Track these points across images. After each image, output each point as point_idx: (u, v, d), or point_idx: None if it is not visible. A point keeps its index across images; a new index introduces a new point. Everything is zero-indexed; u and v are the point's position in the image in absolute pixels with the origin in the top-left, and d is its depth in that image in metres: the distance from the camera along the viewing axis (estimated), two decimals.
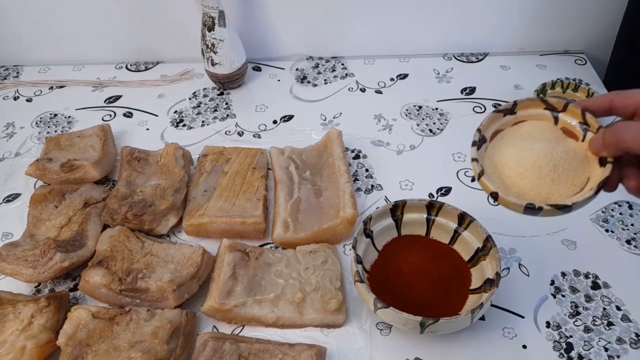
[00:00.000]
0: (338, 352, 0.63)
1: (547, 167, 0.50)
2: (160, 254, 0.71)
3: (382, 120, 0.93)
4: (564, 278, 0.69)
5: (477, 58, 1.05)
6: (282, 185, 0.78)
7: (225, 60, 0.96)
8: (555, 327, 0.64)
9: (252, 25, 1.03)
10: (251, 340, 0.62)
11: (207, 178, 0.81)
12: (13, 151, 0.93)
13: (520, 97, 0.52)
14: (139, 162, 0.84)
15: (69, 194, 0.79)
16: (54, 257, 0.68)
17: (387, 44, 1.05)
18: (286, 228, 0.73)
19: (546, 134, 0.52)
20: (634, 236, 0.73)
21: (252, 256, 0.70)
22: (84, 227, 0.75)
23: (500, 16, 1.00)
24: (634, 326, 0.64)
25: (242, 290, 0.66)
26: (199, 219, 0.74)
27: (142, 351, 0.59)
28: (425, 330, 0.58)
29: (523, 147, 0.52)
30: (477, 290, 0.64)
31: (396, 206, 0.70)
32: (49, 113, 1.00)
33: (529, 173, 0.50)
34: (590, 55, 1.03)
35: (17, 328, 0.62)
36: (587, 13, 0.98)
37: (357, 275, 0.62)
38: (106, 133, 0.89)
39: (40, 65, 1.11)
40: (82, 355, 0.60)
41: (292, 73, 1.05)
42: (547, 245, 0.72)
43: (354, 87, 1.01)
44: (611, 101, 0.48)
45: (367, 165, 0.85)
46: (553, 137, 0.52)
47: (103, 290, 0.66)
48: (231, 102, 1.00)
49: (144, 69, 1.09)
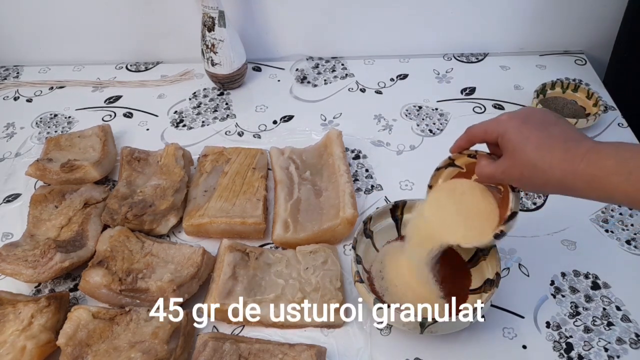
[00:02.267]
0: (338, 352, 0.63)
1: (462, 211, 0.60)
2: (160, 254, 0.71)
3: (382, 121, 0.93)
4: (564, 278, 0.69)
5: (477, 58, 1.05)
6: (282, 185, 0.78)
7: (225, 61, 0.96)
8: (555, 327, 0.64)
9: (252, 25, 1.03)
10: (251, 341, 0.62)
11: (207, 178, 0.81)
12: (13, 151, 0.93)
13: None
14: (139, 162, 0.84)
15: (69, 194, 0.79)
16: (54, 257, 0.68)
17: (387, 44, 1.05)
18: (286, 228, 0.73)
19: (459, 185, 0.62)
20: (634, 236, 0.73)
21: (252, 256, 0.70)
22: (84, 227, 0.75)
23: (500, 16, 1.00)
24: (634, 326, 0.64)
25: (242, 290, 0.66)
26: (199, 219, 0.74)
27: (142, 351, 0.59)
28: (425, 330, 0.58)
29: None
30: (477, 290, 0.64)
31: (396, 206, 0.70)
32: (49, 113, 1.00)
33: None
34: (590, 55, 1.03)
35: (17, 328, 0.62)
36: (587, 13, 0.98)
37: (357, 275, 0.62)
38: (106, 133, 0.89)
39: (40, 65, 1.11)
40: (82, 355, 0.60)
41: (292, 73, 1.05)
42: (547, 245, 0.72)
43: (354, 87, 1.01)
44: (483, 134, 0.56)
45: (367, 166, 0.85)
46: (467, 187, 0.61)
47: (103, 291, 0.66)
48: (231, 102, 1.00)
49: (144, 69, 1.09)
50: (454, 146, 0.59)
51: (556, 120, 0.52)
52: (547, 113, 0.53)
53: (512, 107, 0.93)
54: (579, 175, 0.48)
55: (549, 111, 0.54)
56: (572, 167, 0.48)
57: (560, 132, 0.50)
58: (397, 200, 0.71)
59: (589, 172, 0.47)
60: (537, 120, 0.52)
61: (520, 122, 0.52)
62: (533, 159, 0.50)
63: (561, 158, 0.48)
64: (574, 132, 0.51)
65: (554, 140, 0.49)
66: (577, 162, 0.48)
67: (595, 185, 0.47)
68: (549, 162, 0.49)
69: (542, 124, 0.51)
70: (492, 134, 0.54)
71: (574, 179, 0.48)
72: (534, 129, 0.51)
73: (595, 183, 0.47)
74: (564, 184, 0.49)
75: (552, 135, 0.50)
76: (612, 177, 0.46)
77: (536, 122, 0.51)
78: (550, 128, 0.51)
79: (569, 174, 0.48)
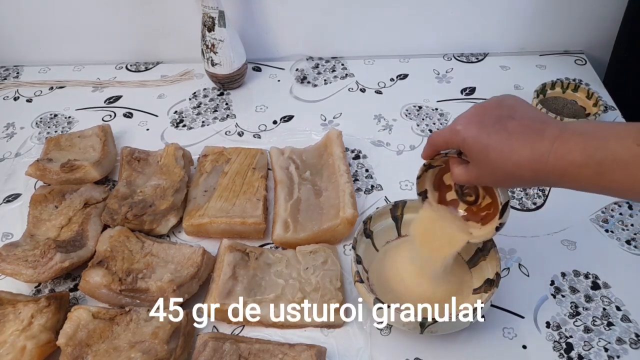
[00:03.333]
0: (338, 352, 0.63)
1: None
2: (160, 254, 0.71)
3: (382, 121, 0.93)
4: (564, 278, 0.69)
5: (477, 58, 1.05)
6: (282, 185, 0.78)
7: (225, 61, 0.96)
8: (555, 327, 0.64)
9: (252, 25, 1.03)
10: (251, 341, 0.62)
11: (207, 178, 0.81)
12: (13, 151, 0.93)
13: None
14: (139, 162, 0.84)
15: (69, 194, 0.79)
16: (54, 258, 0.68)
17: (387, 44, 1.05)
18: (286, 228, 0.73)
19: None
20: (634, 236, 0.73)
21: (252, 256, 0.70)
22: (84, 227, 0.75)
23: (500, 16, 1.00)
24: (634, 326, 0.64)
25: (242, 290, 0.66)
26: (199, 219, 0.74)
27: (142, 351, 0.59)
28: (425, 330, 0.58)
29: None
30: (477, 290, 0.64)
31: (396, 206, 0.70)
32: (49, 113, 1.00)
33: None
34: (590, 55, 1.03)
35: (17, 328, 0.62)
36: (587, 13, 0.98)
37: (357, 275, 0.62)
38: (106, 133, 0.89)
39: (40, 65, 1.11)
40: (82, 355, 0.60)
41: (292, 73, 1.05)
42: (547, 245, 0.72)
43: (354, 87, 1.01)
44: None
45: (367, 166, 0.85)
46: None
47: (103, 291, 0.66)
48: (231, 102, 1.00)
49: (144, 69, 1.09)
50: (424, 154, 0.58)
51: (510, 110, 0.50)
52: (500, 105, 0.51)
53: None
54: (549, 171, 0.47)
55: (501, 100, 0.52)
56: (540, 165, 0.47)
57: (519, 127, 0.48)
58: (397, 200, 0.71)
59: (559, 166, 0.46)
60: (492, 119, 0.50)
61: (476, 129, 0.50)
62: (500, 164, 0.49)
63: (528, 157, 0.47)
64: (531, 120, 0.49)
65: (515, 139, 0.48)
66: (544, 158, 0.47)
67: (567, 179, 0.47)
68: (517, 163, 0.48)
69: (499, 121, 0.49)
70: (453, 144, 0.53)
71: (547, 175, 0.48)
72: (492, 133, 0.49)
73: (566, 177, 0.47)
74: (538, 180, 0.49)
75: (511, 133, 0.48)
76: (582, 170, 0.46)
77: (492, 122, 0.50)
78: (508, 124, 0.49)
79: (540, 171, 0.48)
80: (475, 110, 0.52)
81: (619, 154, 0.44)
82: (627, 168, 0.44)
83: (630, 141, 0.44)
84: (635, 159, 0.43)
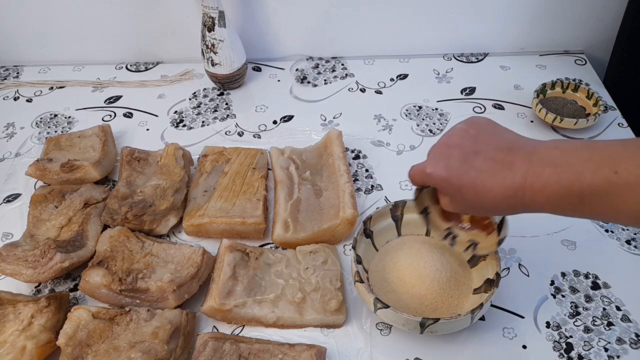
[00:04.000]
0: (338, 352, 0.63)
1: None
2: (160, 254, 0.71)
3: (382, 121, 0.93)
4: (564, 278, 0.69)
5: (477, 58, 1.05)
6: (282, 185, 0.78)
7: (225, 61, 0.96)
8: (555, 327, 0.64)
9: (252, 25, 1.03)
10: (251, 341, 0.62)
11: (207, 178, 0.81)
12: (13, 151, 0.93)
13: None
14: (139, 162, 0.84)
15: (69, 194, 0.79)
16: (54, 258, 0.68)
17: (387, 44, 1.05)
18: (286, 228, 0.73)
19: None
20: (634, 236, 0.73)
21: (252, 256, 0.70)
22: (84, 227, 0.75)
23: (500, 16, 1.00)
24: (634, 326, 0.64)
25: (242, 290, 0.66)
26: (199, 219, 0.74)
27: (142, 351, 0.59)
28: (425, 330, 0.58)
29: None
30: (477, 290, 0.64)
31: (396, 206, 0.70)
32: (49, 113, 1.00)
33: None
34: (590, 55, 1.03)
35: (17, 328, 0.62)
36: (587, 13, 0.98)
37: (357, 275, 0.62)
38: (106, 133, 0.89)
39: (40, 65, 1.11)
40: (82, 355, 0.60)
41: (292, 73, 1.05)
42: (547, 245, 0.72)
43: (354, 88, 1.01)
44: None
45: (367, 166, 0.85)
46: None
47: (103, 291, 0.66)
48: (231, 102, 1.00)
49: (144, 69, 1.09)
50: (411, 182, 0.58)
51: (474, 143, 0.50)
52: (463, 137, 0.51)
53: (512, 107, 0.93)
54: (527, 204, 0.47)
55: (465, 130, 0.51)
56: (517, 200, 0.47)
57: (485, 163, 0.48)
58: (397, 200, 0.71)
59: (538, 200, 0.46)
60: (458, 160, 0.50)
61: (445, 171, 0.50)
62: (478, 202, 0.49)
63: (502, 194, 0.47)
64: (497, 150, 0.48)
65: (485, 177, 0.48)
66: (519, 194, 0.47)
67: (548, 209, 0.47)
68: (493, 200, 0.48)
69: (465, 161, 0.49)
70: (430, 183, 0.54)
71: (525, 207, 0.48)
72: (461, 174, 0.49)
73: (547, 207, 0.47)
74: (519, 211, 0.49)
75: (480, 171, 0.48)
76: (562, 202, 0.45)
77: (459, 163, 0.49)
78: (475, 162, 0.49)
79: (517, 206, 0.48)
80: (439, 150, 0.52)
81: (597, 186, 0.43)
82: (607, 197, 0.43)
83: (607, 171, 0.42)
84: (615, 188, 0.42)
